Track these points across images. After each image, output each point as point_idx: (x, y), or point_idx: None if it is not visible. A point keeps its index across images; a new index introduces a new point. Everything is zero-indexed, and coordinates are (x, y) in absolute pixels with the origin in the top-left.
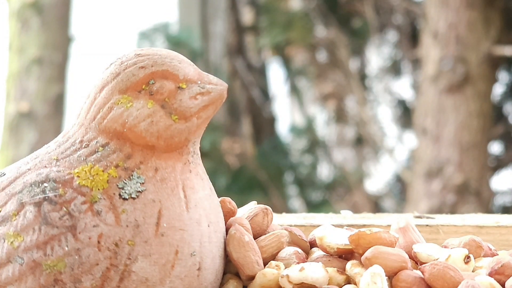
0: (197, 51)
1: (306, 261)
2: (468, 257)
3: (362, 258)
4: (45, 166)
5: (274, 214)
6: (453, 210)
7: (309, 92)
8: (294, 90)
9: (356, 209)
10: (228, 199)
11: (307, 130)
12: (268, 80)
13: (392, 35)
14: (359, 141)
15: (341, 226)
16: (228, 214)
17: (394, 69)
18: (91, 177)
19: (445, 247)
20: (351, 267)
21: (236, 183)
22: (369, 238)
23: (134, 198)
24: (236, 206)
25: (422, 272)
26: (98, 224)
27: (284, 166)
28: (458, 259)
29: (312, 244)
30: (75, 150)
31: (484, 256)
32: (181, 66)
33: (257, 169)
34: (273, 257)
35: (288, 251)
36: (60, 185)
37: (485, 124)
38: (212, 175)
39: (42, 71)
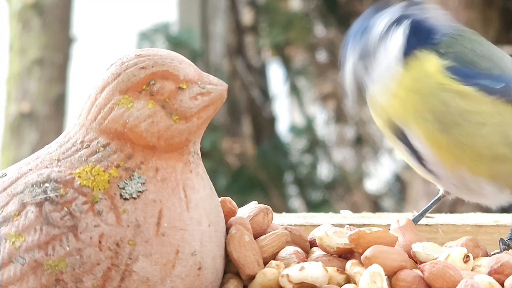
0: (197, 51)
1: (306, 261)
2: (468, 256)
3: (362, 257)
4: (46, 167)
5: (274, 214)
6: (452, 209)
7: (308, 92)
8: (294, 90)
9: (355, 209)
10: (228, 199)
11: (307, 130)
12: (268, 80)
13: None
14: (359, 141)
15: (341, 225)
16: (228, 214)
17: None
18: (92, 177)
19: None
20: (351, 266)
21: (236, 183)
22: (369, 237)
23: (135, 198)
24: (236, 206)
25: (422, 271)
26: (99, 224)
27: (284, 166)
28: (458, 258)
29: (312, 244)
30: (76, 150)
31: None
32: (182, 66)
33: (257, 169)
34: (273, 256)
35: (288, 250)
36: (61, 185)
37: None
38: (212, 175)
39: (43, 71)
